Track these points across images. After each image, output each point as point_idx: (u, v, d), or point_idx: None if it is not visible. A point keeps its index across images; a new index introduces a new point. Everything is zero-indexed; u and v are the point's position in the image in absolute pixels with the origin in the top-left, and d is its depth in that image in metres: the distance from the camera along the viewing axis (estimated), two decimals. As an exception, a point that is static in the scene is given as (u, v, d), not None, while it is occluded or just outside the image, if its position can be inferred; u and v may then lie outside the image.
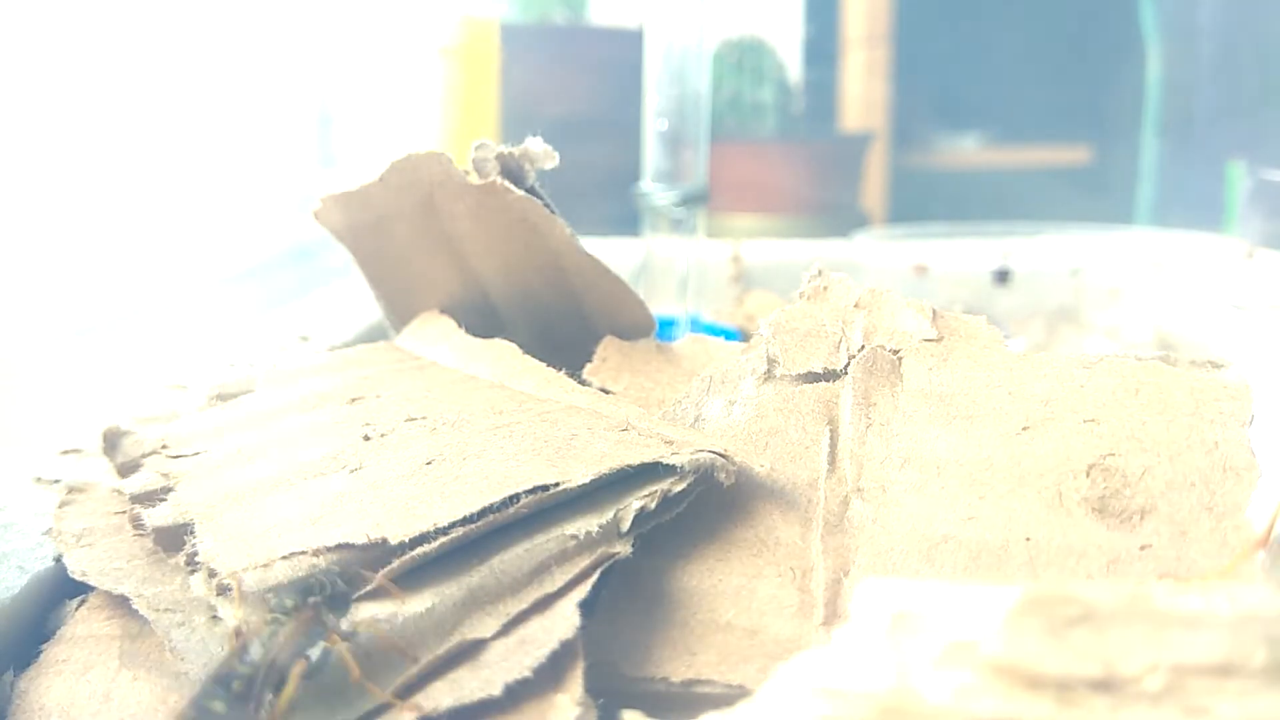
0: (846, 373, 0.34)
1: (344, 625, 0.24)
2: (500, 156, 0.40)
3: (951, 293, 0.74)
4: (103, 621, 0.30)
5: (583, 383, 0.38)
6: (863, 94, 1.42)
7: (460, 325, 0.43)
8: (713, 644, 0.28)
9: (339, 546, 0.25)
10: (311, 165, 1.05)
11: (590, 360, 0.41)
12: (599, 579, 0.27)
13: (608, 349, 0.42)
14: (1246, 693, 0.19)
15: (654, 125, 0.64)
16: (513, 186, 0.39)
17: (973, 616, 0.20)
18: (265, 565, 0.25)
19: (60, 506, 0.33)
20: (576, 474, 0.28)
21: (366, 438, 0.32)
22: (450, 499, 0.27)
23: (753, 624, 0.28)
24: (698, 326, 0.65)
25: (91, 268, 0.72)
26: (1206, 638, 0.19)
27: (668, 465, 0.29)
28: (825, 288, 0.36)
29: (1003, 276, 0.75)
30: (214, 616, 0.26)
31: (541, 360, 0.38)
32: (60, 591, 0.32)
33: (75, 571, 0.30)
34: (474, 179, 0.40)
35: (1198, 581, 0.26)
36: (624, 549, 0.28)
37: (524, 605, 0.25)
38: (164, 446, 0.35)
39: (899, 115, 1.43)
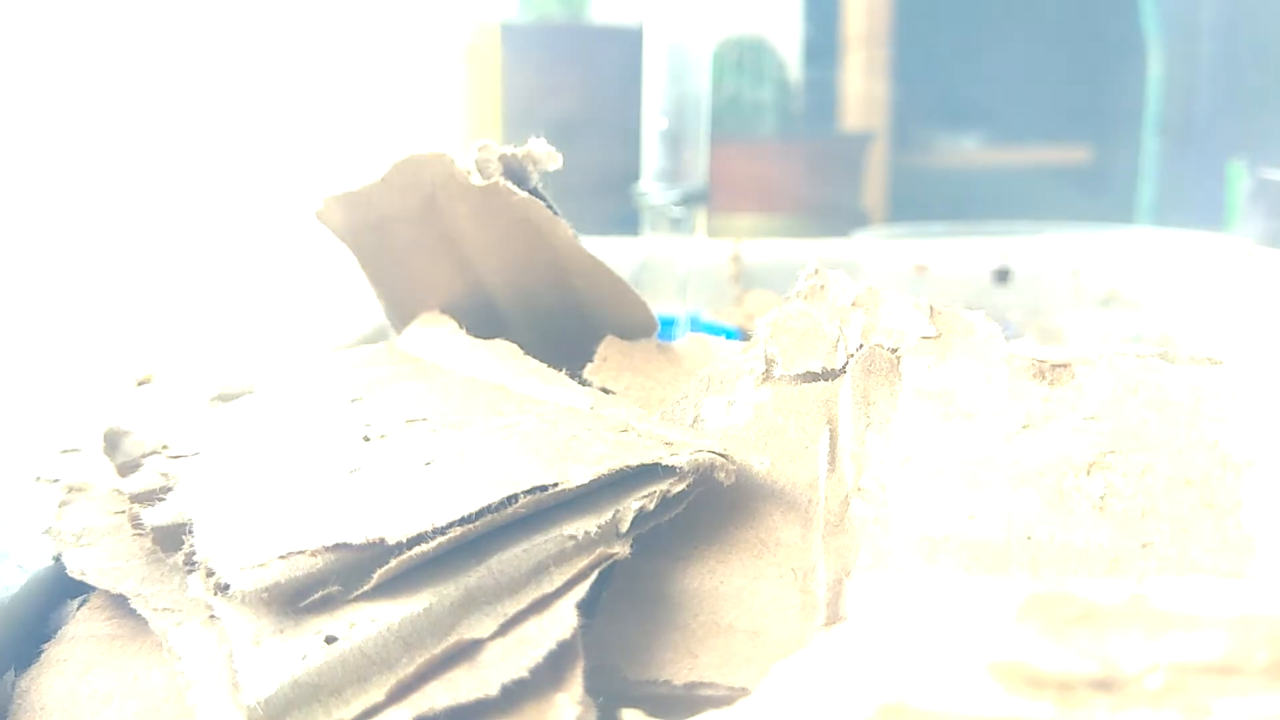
0: (845, 372, 0.34)
1: (340, 624, 0.24)
2: (503, 157, 0.40)
3: (951, 292, 0.74)
4: (104, 621, 0.30)
5: (583, 383, 0.38)
6: (863, 93, 1.42)
7: (461, 326, 0.43)
8: (715, 646, 0.28)
9: (336, 546, 0.25)
10: (312, 165, 1.05)
11: (591, 360, 0.41)
12: (599, 581, 0.27)
13: (608, 349, 0.42)
14: (1247, 692, 0.19)
15: (654, 125, 0.64)
16: (515, 188, 0.39)
17: (974, 616, 0.20)
18: (262, 565, 0.25)
19: (60, 506, 0.33)
20: (575, 475, 0.28)
21: (366, 438, 0.32)
22: (448, 499, 0.27)
23: (755, 626, 0.28)
24: (698, 326, 0.65)
25: (92, 267, 0.72)
26: (1207, 637, 0.19)
27: (667, 466, 0.29)
28: (822, 286, 0.36)
29: (1003, 276, 0.75)
30: (211, 616, 0.26)
31: (543, 361, 0.38)
32: (60, 591, 0.32)
33: (74, 571, 0.30)
34: (477, 180, 0.40)
35: (1199, 580, 0.26)
36: (623, 550, 0.27)
37: (522, 605, 0.25)
38: (164, 446, 0.35)
39: (899, 115, 1.43)
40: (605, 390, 0.38)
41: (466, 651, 0.24)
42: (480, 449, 0.30)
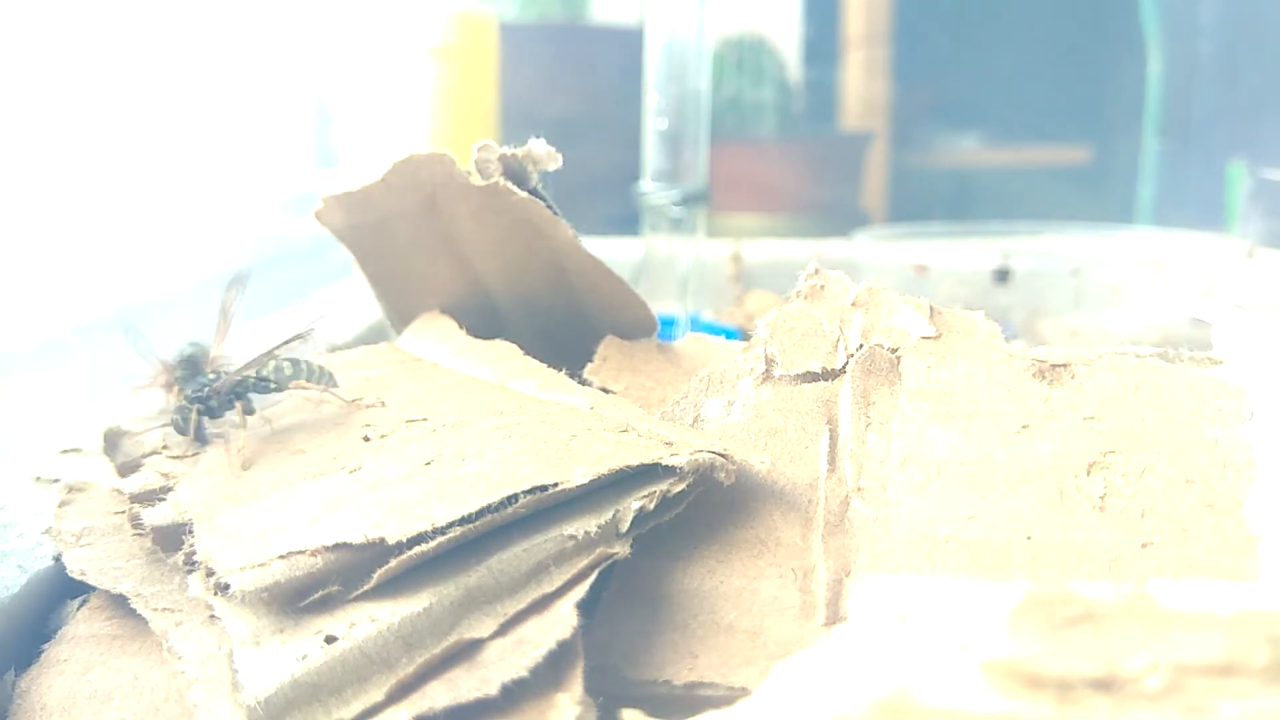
0: (845, 372, 0.34)
1: (340, 624, 0.24)
2: (503, 158, 0.40)
3: (951, 292, 0.74)
4: (104, 621, 0.30)
5: (583, 383, 0.38)
6: (863, 93, 1.42)
7: (462, 326, 0.43)
8: (714, 646, 0.28)
9: (336, 546, 0.25)
10: (310, 164, 1.05)
11: (591, 360, 0.41)
12: (600, 581, 0.27)
13: (608, 349, 0.42)
14: (1247, 692, 0.19)
15: (654, 124, 0.64)
16: (515, 188, 0.39)
17: (974, 616, 0.20)
18: (262, 565, 0.25)
19: (60, 506, 0.33)
20: (576, 475, 0.28)
21: (366, 438, 0.32)
22: (449, 499, 0.27)
23: (754, 626, 0.28)
24: (698, 326, 0.65)
25: (91, 266, 0.72)
26: (1207, 637, 0.19)
27: (667, 466, 0.29)
28: (822, 286, 0.36)
29: (1003, 276, 0.75)
30: (211, 616, 0.26)
31: (543, 361, 0.38)
32: (60, 591, 0.32)
33: (74, 571, 0.30)
34: (477, 180, 0.40)
35: (1199, 580, 0.26)
36: (623, 550, 0.27)
37: (522, 605, 0.25)
38: (164, 447, 0.35)
39: (899, 115, 1.43)
40: (605, 390, 0.38)
41: (466, 651, 0.24)
42: (480, 449, 0.30)
